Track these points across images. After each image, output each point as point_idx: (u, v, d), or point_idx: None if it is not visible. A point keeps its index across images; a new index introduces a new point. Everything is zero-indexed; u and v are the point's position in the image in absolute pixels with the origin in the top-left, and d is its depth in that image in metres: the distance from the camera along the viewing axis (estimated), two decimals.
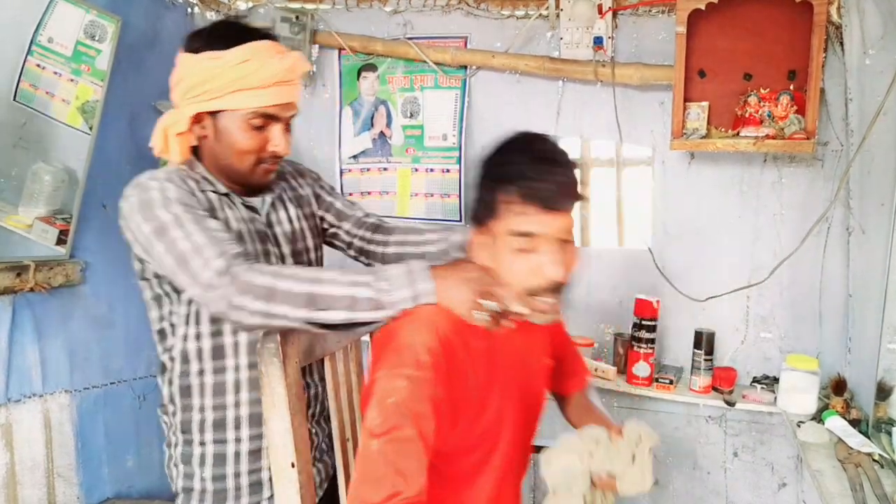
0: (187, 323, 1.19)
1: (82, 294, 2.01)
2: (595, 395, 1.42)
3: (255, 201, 1.25)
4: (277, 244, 1.28)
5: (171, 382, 1.22)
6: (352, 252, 1.47)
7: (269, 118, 1.16)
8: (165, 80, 2.50)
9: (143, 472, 2.25)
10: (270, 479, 1.12)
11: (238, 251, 1.05)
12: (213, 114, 1.15)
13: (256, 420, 1.19)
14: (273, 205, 1.29)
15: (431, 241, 1.37)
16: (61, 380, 1.95)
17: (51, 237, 1.87)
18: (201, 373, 1.19)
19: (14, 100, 1.76)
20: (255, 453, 1.20)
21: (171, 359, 1.21)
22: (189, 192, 1.13)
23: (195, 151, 1.22)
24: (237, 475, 1.20)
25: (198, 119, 1.16)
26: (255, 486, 1.21)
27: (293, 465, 1.02)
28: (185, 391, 1.20)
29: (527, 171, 0.99)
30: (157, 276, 1.18)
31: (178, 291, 1.18)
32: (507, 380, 1.11)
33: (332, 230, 1.45)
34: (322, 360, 1.19)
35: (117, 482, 2.14)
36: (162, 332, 1.23)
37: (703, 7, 1.82)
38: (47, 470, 1.89)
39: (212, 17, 2.47)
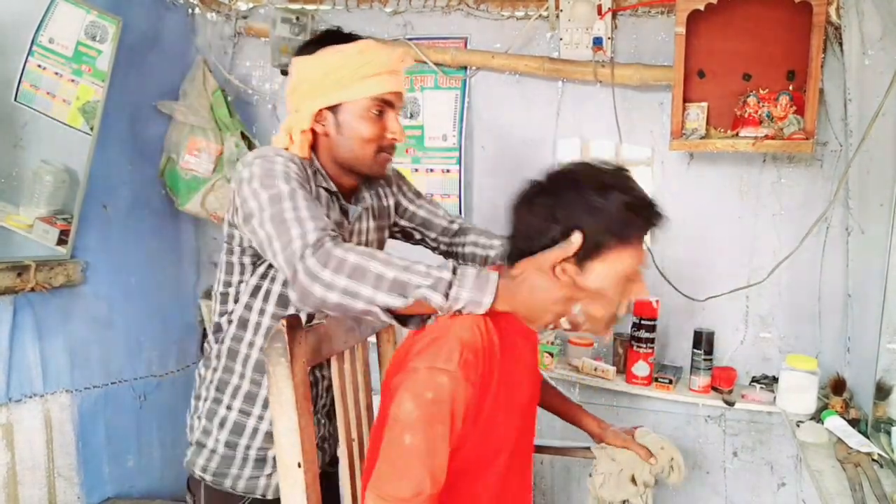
0: (254, 295, 1.24)
1: (83, 294, 2.01)
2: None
3: (350, 209, 1.32)
4: None
5: (222, 342, 1.27)
6: (438, 254, 1.58)
7: (386, 104, 1.24)
8: (166, 80, 2.51)
9: (143, 472, 2.25)
10: (274, 458, 1.21)
11: (336, 234, 1.07)
12: (333, 110, 1.22)
13: None
14: (360, 216, 1.35)
15: (496, 247, 1.47)
16: (62, 380, 1.95)
17: (51, 237, 1.87)
18: (251, 345, 1.25)
19: (15, 100, 1.76)
20: (270, 435, 1.23)
21: (230, 322, 1.27)
22: (305, 179, 1.17)
23: (312, 149, 1.27)
24: (248, 448, 1.25)
25: (318, 116, 1.23)
26: (260, 462, 1.26)
27: (299, 466, 1.02)
28: (232, 354, 1.26)
29: (633, 213, 1.03)
30: (241, 246, 1.22)
31: (254, 265, 1.24)
32: (519, 383, 1.11)
33: (419, 237, 1.55)
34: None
35: (118, 482, 2.14)
36: (225, 296, 1.28)
37: (702, 8, 1.83)
38: (48, 470, 1.89)
39: (212, 17, 2.47)
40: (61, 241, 1.89)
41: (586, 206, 1.02)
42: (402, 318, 1.04)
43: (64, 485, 1.94)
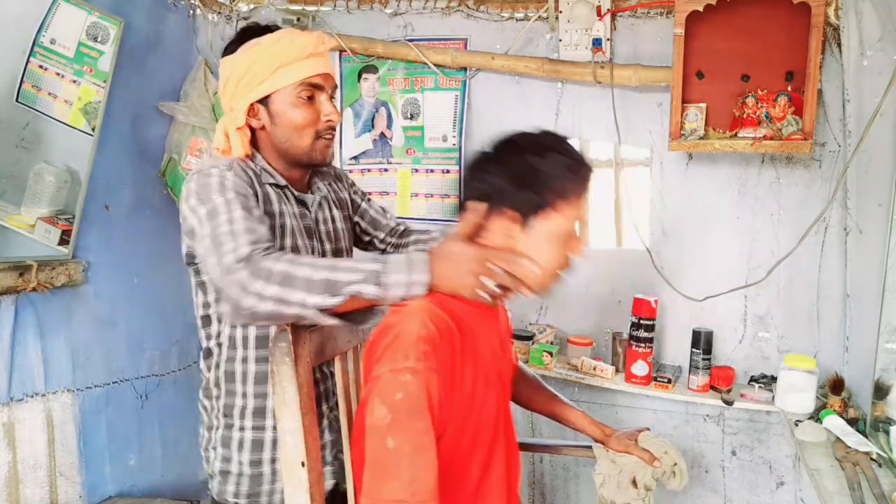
0: None
1: (84, 294, 2.02)
2: (529, 370, 1.56)
3: (307, 198, 1.32)
4: (321, 241, 1.35)
5: (217, 367, 1.26)
6: None
7: (315, 88, 1.24)
8: (167, 81, 2.52)
9: (144, 471, 2.26)
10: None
11: (270, 244, 1.08)
12: (264, 102, 1.23)
13: None
14: (320, 204, 1.36)
15: (437, 238, 1.48)
16: (63, 379, 1.96)
17: (53, 237, 1.88)
18: (245, 360, 1.24)
19: (16, 101, 1.77)
20: None
21: (219, 344, 1.25)
22: (247, 182, 1.18)
23: (254, 146, 1.28)
24: (273, 460, 1.24)
25: (251, 112, 1.23)
26: None
27: (303, 465, 1.02)
28: (230, 377, 1.25)
29: (571, 171, 1.09)
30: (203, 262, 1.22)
31: None
32: (488, 366, 1.12)
33: (368, 238, 1.55)
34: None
35: (119, 481, 2.15)
36: (207, 318, 1.27)
37: (701, 9, 1.83)
38: (49, 469, 1.89)
39: (213, 18, 2.48)
40: (63, 241, 1.90)
41: (527, 169, 1.08)
42: (350, 316, 1.05)
43: (65, 484, 1.94)
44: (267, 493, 1.25)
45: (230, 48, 1.28)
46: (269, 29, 1.28)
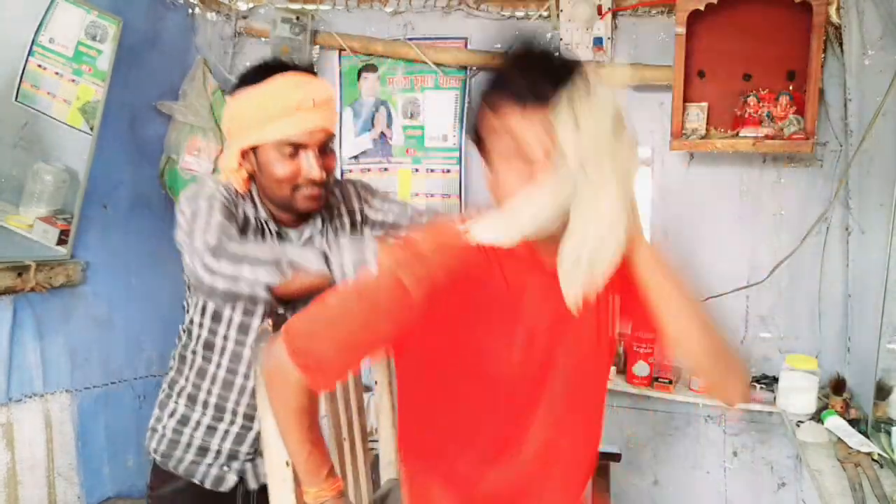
0: (195, 309, 1.33)
1: (83, 294, 2.01)
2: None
3: (290, 234, 1.33)
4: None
5: (178, 346, 1.40)
6: None
7: (297, 146, 1.22)
8: (166, 80, 2.50)
9: (143, 472, 2.24)
10: (217, 452, 1.35)
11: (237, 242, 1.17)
12: (253, 150, 1.24)
13: (220, 409, 1.34)
14: (311, 238, 1.34)
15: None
16: (62, 379, 1.95)
17: (52, 237, 1.87)
18: (194, 353, 1.35)
19: (15, 100, 1.76)
20: (211, 429, 1.35)
21: (185, 330, 1.38)
22: (234, 204, 1.26)
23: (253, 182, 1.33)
24: (192, 436, 1.36)
25: (244, 155, 1.26)
26: (202, 451, 1.36)
27: (288, 464, 1.02)
28: (182, 359, 1.38)
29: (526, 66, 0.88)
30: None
31: None
32: (525, 318, 0.98)
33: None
34: None
35: (118, 482, 2.14)
36: (184, 307, 1.39)
37: (702, 8, 1.83)
38: (48, 469, 1.89)
39: (212, 17, 2.47)
40: (61, 241, 1.89)
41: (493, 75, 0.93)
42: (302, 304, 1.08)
43: (64, 484, 1.93)
44: (177, 458, 1.36)
45: (235, 87, 1.28)
46: (274, 69, 1.23)
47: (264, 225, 1.29)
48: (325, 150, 1.26)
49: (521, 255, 0.94)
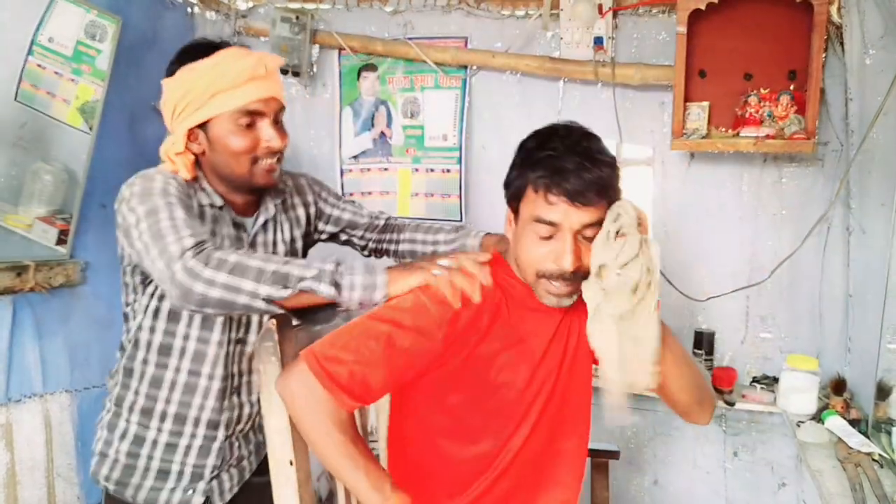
0: (145, 313, 1.26)
1: (82, 294, 2.01)
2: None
3: (246, 221, 1.30)
4: None
5: (121, 359, 1.31)
6: (366, 253, 1.55)
7: (254, 114, 1.19)
8: None
9: None
10: (179, 473, 1.27)
11: (210, 241, 1.08)
12: (203, 127, 1.19)
13: (181, 420, 1.27)
14: (264, 226, 1.32)
15: (442, 242, 1.44)
16: (61, 380, 1.95)
17: (51, 237, 1.87)
18: (145, 362, 1.27)
19: (15, 100, 1.76)
20: (171, 447, 1.27)
21: (129, 340, 1.29)
22: (187, 195, 1.18)
23: (198, 167, 1.26)
24: (150, 458, 1.27)
25: (191, 136, 1.20)
26: (162, 474, 1.28)
27: (291, 463, 1.02)
28: (128, 372, 1.28)
29: (559, 162, 1.01)
30: (131, 265, 1.25)
31: (144, 284, 1.25)
32: (532, 357, 1.12)
33: (346, 237, 1.52)
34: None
35: None
36: (126, 316, 1.31)
37: (703, 7, 1.82)
38: (47, 470, 1.89)
39: (212, 16, 2.47)
40: (61, 241, 1.89)
41: (525, 149, 1.09)
42: (311, 315, 1.06)
43: (63, 485, 1.93)
44: (134, 486, 1.27)
45: (170, 68, 1.22)
46: (213, 47, 1.21)
47: (220, 213, 1.25)
48: (278, 121, 1.24)
49: (528, 298, 1.10)
